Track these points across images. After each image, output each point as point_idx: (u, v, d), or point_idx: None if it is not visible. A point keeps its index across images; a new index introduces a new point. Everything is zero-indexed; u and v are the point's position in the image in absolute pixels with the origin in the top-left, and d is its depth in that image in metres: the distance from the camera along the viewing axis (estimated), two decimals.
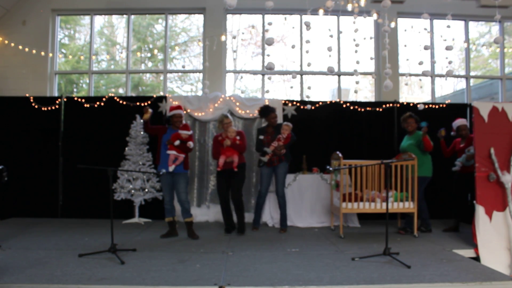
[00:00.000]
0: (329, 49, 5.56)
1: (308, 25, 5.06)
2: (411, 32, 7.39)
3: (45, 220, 5.97)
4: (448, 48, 5.05)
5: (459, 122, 5.38)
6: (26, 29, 7.28)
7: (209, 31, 7.20)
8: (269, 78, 7.60)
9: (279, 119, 6.28)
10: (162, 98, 6.31)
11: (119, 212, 5.82)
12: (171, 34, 7.88)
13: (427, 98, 7.91)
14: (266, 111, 5.37)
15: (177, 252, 4.11)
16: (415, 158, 4.87)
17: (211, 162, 6.23)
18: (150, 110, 4.80)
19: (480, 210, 4.38)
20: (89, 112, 6.34)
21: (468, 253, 4.26)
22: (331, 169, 4.17)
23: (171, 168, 4.74)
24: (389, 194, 4.98)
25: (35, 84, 7.20)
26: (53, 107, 6.37)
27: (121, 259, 3.64)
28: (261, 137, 5.33)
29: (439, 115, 6.46)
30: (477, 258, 4.19)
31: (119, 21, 8.07)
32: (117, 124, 6.20)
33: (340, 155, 4.98)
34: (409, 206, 4.93)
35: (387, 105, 6.49)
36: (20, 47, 7.11)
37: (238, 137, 5.03)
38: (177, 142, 4.76)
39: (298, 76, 7.54)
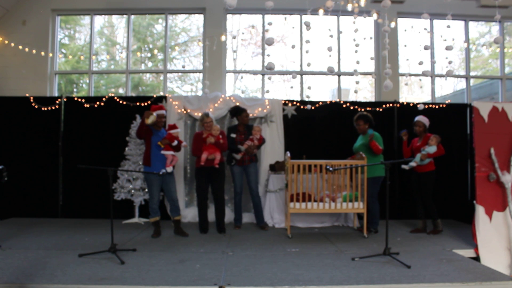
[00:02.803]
0: (329, 49, 5.56)
1: (308, 25, 5.06)
2: (411, 32, 7.40)
3: (45, 220, 5.96)
4: (448, 48, 5.04)
5: (417, 117, 5.31)
6: (26, 29, 7.28)
7: (209, 31, 7.20)
8: (269, 78, 7.60)
9: (279, 119, 6.30)
10: (162, 98, 6.31)
11: (119, 212, 5.82)
12: (171, 34, 7.88)
13: (427, 98, 7.91)
14: (238, 110, 5.41)
15: (177, 252, 4.11)
16: (365, 157, 4.87)
17: None
18: (155, 114, 4.74)
19: (480, 210, 4.38)
20: (89, 112, 6.34)
21: (468, 253, 4.26)
22: (331, 169, 4.17)
23: (169, 169, 4.77)
24: (338, 195, 5.02)
25: (35, 84, 7.20)
26: (53, 107, 6.37)
27: (121, 259, 3.64)
28: (233, 135, 5.36)
29: (439, 115, 6.46)
30: (477, 258, 4.19)
31: (119, 21, 8.07)
32: (117, 124, 6.20)
33: (288, 155, 5.02)
34: (358, 206, 4.91)
35: (387, 105, 6.49)
36: (20, 47, 7.11)
37: (220, 136, 5.09)
38: (175, 143, 4.79)
39: (298, 76, 7.54)
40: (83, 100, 6.39)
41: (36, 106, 6.37)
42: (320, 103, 6.43)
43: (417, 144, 5.24)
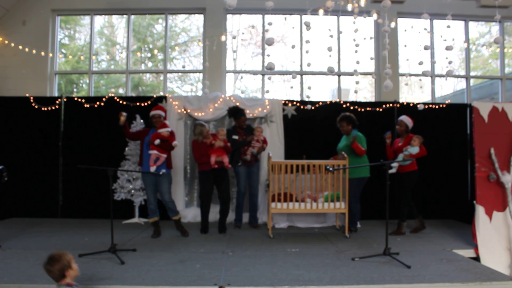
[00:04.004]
0: (329, 49, 5.56)
1: (308, 25, 5.06)
2: (411, 32, 7.40)
3: (45, 220, 5.96)
4: (448, 48, 5.04)
5: (400, 117, 5.30)
6: (26, 29, 7.28)
7: (209, 31, 7.20)
8: (269, 78, 7.60)
9: (279, 119, 6.30)
10: (162, 98, 6.30)
11: (119, 212, 5.82)
12: (171, 34, 7.88)
13: (427, 98, 7.91)
14: (236, 113, 5.43)
15: (177, 252, 4.11)
16: (347, 157, 4.90)
17: None
18: (124, 113, 4.84)
19: (480, 210, 4.38)
20: (89, 112, 6.34)
21: (468, 253, 4.26)
22: (330, 169, 4.17)
23: (152, 169, 4.74)
24: (319, 195, 5.04)
25: (35, 84, 7.20)
26: (53, 107, 6.37)
27: (121, 259, 3.64)
28: (236, 137, 5.38)
29: (439, 115, 6.46)
30: (477, 258, 4.19)
31: (119, 21, 8.07)
32: (117, 124, 6.17)
33: (270, 155, 5.06)
34: (340, 207, 4.92)
35: (387, 105, 6.49)
36: (20, 47, 7.11)
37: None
38: (157, 141, 4.77)
39: (298, 76, 7.54)
40: (83, 100, 6.39)
41: (36, 106, 6.37)
42: (320, 103, 6.43)
43: (398, 145, 5.22)
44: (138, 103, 6.31)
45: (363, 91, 8.22)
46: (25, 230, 5.19)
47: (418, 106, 5.82)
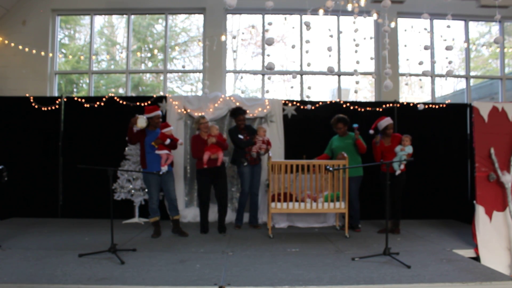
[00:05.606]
0: (329, 49, 5.56)
1: (308, 25, 5.06)
2: (411, 32, 7.40)
3: (45, 220, 5.96)
4: (448, 48, 5.04)
5: (386, 121, 5.25)
6: (26, 29, 7.28)
7: (209, 31, 7.20)
8: (269, 78, 7.60)
9: (279, 119, 6.30)
10: (162, 98, 6.31)
11: (119, 212, 5.82)
12: (171, 34, 7.88)
13: (427, 98, 7.91)
14: (235, 112, 5.48)
15: (177, 252, 4.11)
16: (347, 157, 4.93)
17: None
18: (145, 117, 4.76)
19: (480, 210, 4.38)
20: (89, 112, 6.34)
21: (468, 253, 4.26)
22: (330, 169, 4.18)
23: (164, 168, 4.76)
24: (319, 195, 5.06)
25: (35, 84, 7.20)
26: (53, 107, 6.37)
27: (121, 259, 3.64)
28: (241, 136, 5.40)
29: (439, 115, 6.46)
30: (477, 258, 4.19)
31: (119, 21, 8.07)
32: (117, 124, 6.19)
33: (270, 155, 5.10)
34: (340, 206, 4.93)
35: (387, 105, 6.49)
36: (20, 47, 7.11)
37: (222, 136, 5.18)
38: (168, 141, 4.79)
39: (298, 76, 7.54)
40: (83, 100, 6.39)
41: (36, 106, 6.37)
42: (320, 103, 6.43)
43: (385, 145, 5.21)
44: (138, 103, 6.30)
45: (363, 91, 8.22)
46: (25, 230, 5.19)
47: (418, 106, 5.82)
